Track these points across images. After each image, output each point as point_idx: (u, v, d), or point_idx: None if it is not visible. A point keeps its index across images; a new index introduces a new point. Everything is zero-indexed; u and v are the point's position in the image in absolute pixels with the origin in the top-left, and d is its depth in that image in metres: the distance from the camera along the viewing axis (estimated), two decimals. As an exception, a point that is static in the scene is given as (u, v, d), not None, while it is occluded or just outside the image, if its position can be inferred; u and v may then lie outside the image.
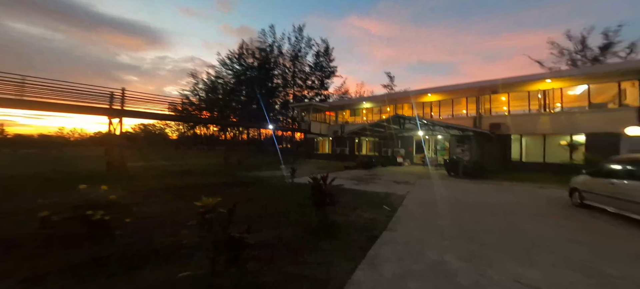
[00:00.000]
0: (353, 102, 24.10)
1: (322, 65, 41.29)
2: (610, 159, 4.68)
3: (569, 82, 13.09)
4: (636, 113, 10.98)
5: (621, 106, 11.81)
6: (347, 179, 10.25)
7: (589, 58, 23.56)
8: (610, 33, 22.42)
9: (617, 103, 12.03)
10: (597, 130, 11.77)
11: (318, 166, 16.41)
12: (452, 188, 8.10)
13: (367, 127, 15.32)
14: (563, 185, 8.98)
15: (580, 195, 5.12)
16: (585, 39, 23.54)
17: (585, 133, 12.23)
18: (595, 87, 12.58)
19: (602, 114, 12.14)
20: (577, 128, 12.48)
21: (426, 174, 12.42)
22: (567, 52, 24.52)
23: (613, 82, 11.99)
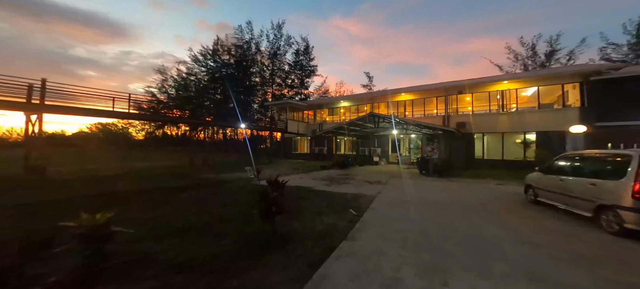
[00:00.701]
0: (331, 101, 23.89)
1: (302, 64, 40.57)
2: (560, 156, 4.83)
3: (522, 83, 14.15)
4: (577, 113, 12.22)
5: (565, 107, 13.04)
6: (320, 179, 9.88)
7: (537, 63, 26.11)
8: (553, 41, 25.09)
9: (562, 104, 13.29)
10: (546, 128, 12.87)
11: (294, 166, 15.85)
12: (421, 188, 8.11)
13: (344, 126, 15.13)
14: (518, 181, 9.33)
15: (534, 191, 5.28)
16: (534, 46, 26.05)
17: (536, 132, 13.29)
18: (544, 89, 13.74)
19: (550, 114, 13.25)
20: (529, 127, 13.50)
21: (399, 173, 12.54)
22: (521, 57, 26.94)
23: (558, 85, 13.19)
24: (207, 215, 4.59)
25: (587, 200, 3.75)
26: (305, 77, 41.31)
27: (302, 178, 10.39)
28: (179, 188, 7.32)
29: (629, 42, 22.59)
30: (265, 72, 38.72)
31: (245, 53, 36.29)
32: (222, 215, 4.60)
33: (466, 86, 15.28)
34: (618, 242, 3.26)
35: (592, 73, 11.76)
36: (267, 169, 13.38)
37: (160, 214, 4.55)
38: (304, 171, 12.84)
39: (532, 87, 13.85)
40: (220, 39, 35.52)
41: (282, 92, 38.89)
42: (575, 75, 12.47)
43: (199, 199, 6.03)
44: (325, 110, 23.85)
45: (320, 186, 8.37)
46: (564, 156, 4.76)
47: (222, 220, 4.25)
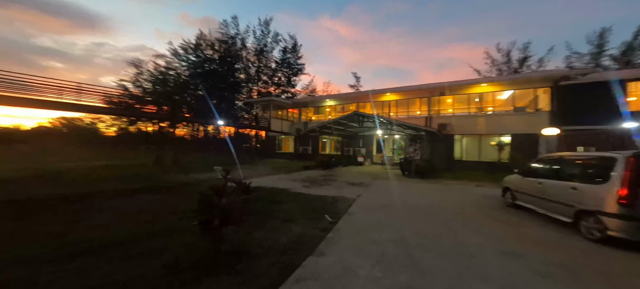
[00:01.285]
0: (317, 100, 23.38)
1: (289, 62, 39.69)
2: (539, 158, 4.68)
3: (498, 87, 14.54)
4: (547, 116, 12.75)
5: (537, 110, 13.56)
6: (300, 181, 9.33)
7: (511, 69, 27.49)
8: (525, 48, 26.57)
9: (534, 108, 13.84)
10: (520, 131, 13.30)
11: (276, 166, 15.16)
12: (403, 190, 7.85)
13: (327, 125, 14.69)
14: (495, 182, 9.35)
15: (512, 194, 5.13)
16: (509, 53, 27.40)
17: (510, 134, 13.71)
18: (519, 93, 14.21)
19: (523, 117, 13.63)
20: (504, 129, 13.84)
21: (382, 174, 12.33)
22: (497, 62, 28.22)
23: (531, 89, 13.71)
24: (150, 225, 3.87)
25: (566, 205, 3.56)
26: (292, 75, 40.49)
27: (281, 179, 9.78)
28: (131, 191, 6.43)
29: (590, 52, 24.42)
30: (251, 69, 37.39)
31: (230, 49, 34.76)
32: (169, 225, 3.91)
33: (447, 88, 15.48)
34: (601, 251, 3.07)
35: (561, 78, 12.30)
36: (247, 169, 12.60)
37: (86, 226, 3.75)
38: (285, 172, 12.22)
39: (507, 90, 14.29)
40: (204, 34, 33.72)
41: (268, 90, 37.78)
42: (546, 80, 12.99)
43: (148, 205, 5.25)
44: (310, 108, 23.30)
45: (299, 188, 7.83)
46: (543, 159, 4.62)
47: (166, 232, 3.56)
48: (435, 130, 11.22)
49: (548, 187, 4.02)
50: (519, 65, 26.95)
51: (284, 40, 38.65)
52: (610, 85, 10.95)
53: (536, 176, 4.43)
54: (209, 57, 33.96)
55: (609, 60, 23.40)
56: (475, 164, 14.31)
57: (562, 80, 12.26)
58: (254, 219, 4.39)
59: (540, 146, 7.63)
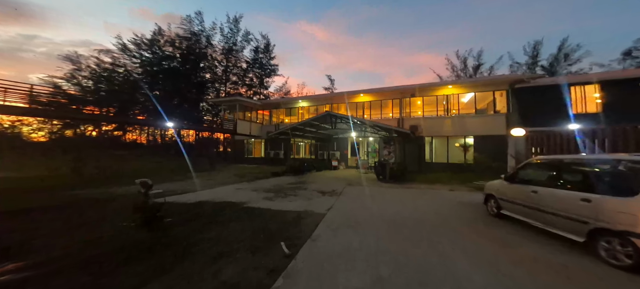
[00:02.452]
0: (289, 101, 21.97)
1: (261, 63, 37.63)
2: (530, 161, 4.05)
3: (463, 89, 14.86)
4: (505, 118, 13.38)
5: (496, 112, 14.19)
6: (264, 191, 7.83)
7: (467, 75, 29.80)
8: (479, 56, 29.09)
9: (493, 110, 14.48)
10: (482, 132, 13.72)
11: (241, 172, 13.28)
12: (378, 198, 6.90)
13: (298, 127, 13.38)
14: (465, 185, 9.13)
15: (497, 203, 4.48)
16: (466, 60, 29.70)
17: (473, 136, 14.09)
18: (480, 95, 14.72)
19: (484, 119, 14.08)
20: (468, 131, 14.11)
21: (357, 179, 11.45)
22: (456, 69, 30.34)
23: (490, 91, 14.22)
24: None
25: (577, 221, 2.84)
26: (265, 76, 38.45)
27: (239, 189, 8.14)
28: (9, 212, 4.32)
29: (526, 62, 27.67)
30: (218, 68, 34.36)
31: (193, 47, 31.37)
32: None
33: (418, 89, 15.53)
34: (635, 281, 2.34)
35: (516, 82, 12.99)
36: (203, 178, 10.59)
37: None
38: (249, 179, 10.53)
39: (470, 92, 14.69)
40: (162, 29, 29.88)
41: (238, 91, 35.08)
42: (503, 83, 13.60)
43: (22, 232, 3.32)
44: (282, 110, 21.76)
45: (259, 200, 6.36)
46: (536, 163, 3.94)
47: None
48: (409, 130, 10.77)
49: (546, 197, 3.32)
50: (474, 72, 29.33)
51: (256, 40, 36.61)
52: (558, 89, 11.83)
53: (528, 183, 3.76)
54: (169, 54, 30.19)
55: (541, 70, 26.74)
56: (444, 166, 14.38)
57: (516, 83, 12.95)
58: (162, 257, 2.86)
59: (510, 147, 7.44)
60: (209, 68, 33.85)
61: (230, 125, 18.09)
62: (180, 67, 30.02)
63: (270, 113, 22.12)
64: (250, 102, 21.07)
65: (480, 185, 8.83)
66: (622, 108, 10.51)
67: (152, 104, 27.87)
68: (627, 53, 23.53)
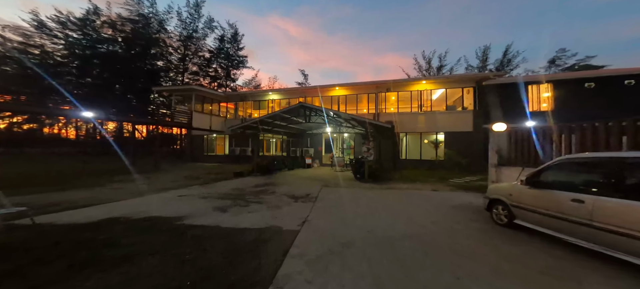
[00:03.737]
0: (258, 94, 19.67)
1: (228, 53, 33.89)
2: (561, 159, 3.12)
3: (435, 85, 14.75)
4: (472, 115, 13.76)
5: (463, 109, 14.54)
6: (217, 197, 5.96)
7: (431, 75, 31.54)
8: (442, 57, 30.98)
9: (461, 106, 14.83)
10: (451, 129, 13.87)
11: (193, 173, 10.85)
12: (362, 205, 5.71)
13: (266, 120, 11.53)
14: (445, 183, 8.67)
15: (510, 211, 3.65)
16: (430, 61, 31.37)
17: (444, 132, 14.24)
18: (450, 92, 14.78)
19: (453, 115, 14.16)
20: (440, 127, 14.09)
21: (333, 178, 10.23)
22: (422, 69, 31.82)
23: (459, 88, 14.43)
24: None
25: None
26: (232, 67, 34.77)
27: (183, 196, 6.09)
28: None
29: (477, 66, 30.54)
30: (173, 55, 29.62)
31: (141, 31, 26.21)
32: None
33: (392, 84, 15.11)
34: None
35: (483, 79, 13.43)
36: (139, 183, 8.05)
37: None
38: (202, 182, 8.39)
39: (441, 88, 14.74)
40: (99, 8, 24.16)
41: (199, 82, 30.82)
42: (471, 80, 13.95)
43: None
44: (249, 103, 19.38)
45: (206, 213, 4.55)
46: (579, 160, 2.99)
47: None
48: (389, 125, 9.97)
49: (605, 210, 2.43)
50: (437, 72, 31.18)
51: (222, 28, 32.81)
52: (517, 87, 12.52)
53: (564, 189, 2.89)
54: (108, 37, 24.64)
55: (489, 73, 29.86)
56: (416, 163, 14.22)
57: (483, 80, 13.38)
58: None
59: (491, 142, 7.04)
60: (162, 56, 28.87)
61: (184, 118, 15.08)
62: (124, 52, 24.76)
63: (235, 106, 19.50)
64: (211, 93, 18.12)
65: (459, 184, 8.52)
66: (570, 106, 11.50)
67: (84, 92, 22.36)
68: (552, 61, 27.58)
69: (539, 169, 3.27)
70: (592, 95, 11.38)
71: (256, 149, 13.11)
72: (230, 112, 19.83)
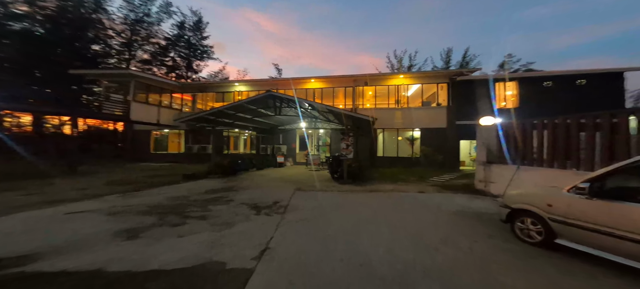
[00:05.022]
0: (222, 84, 17.17)
1: (190, 42, 29.85)
2: None
3: (411, 80, 14.36)
4: (446, 111, 13.80)
5: (438, 105, 14.49)
6: (140, 212, 4.05)
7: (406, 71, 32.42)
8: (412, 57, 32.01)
9: (436, 102, 14.81)
10: (427, 125, 13.65)
11: (128, 177, 8.31)
12: (346, 216, 4.46)
13: (227, 111, 9.55)
14: (427, 182, 7.98)
15: (548, 228, 2.69)
16: (401, 60, 32.14)
17: (420, 128, 13.93)
18: (425, 88, 14.57)
19: (429, 111, 13.99)
20: (416, 123, 13.76)
21: (308, 179, 8.87)
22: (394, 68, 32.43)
23: (434, 84, 14.11)
24: None
25: None
26: (194, 58, 30.74)
27: (74, 214, 4.00)
28: None
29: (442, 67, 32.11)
30: (113, 39, 24.67)
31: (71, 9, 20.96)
32: None
33: (369, 78, 14.41)
34: None
35: (457, 75, 13.50)
36: (34, 189, 5.50)
37: None
38: (131, 189, 6.19)
39: (417, 83, 14.39)
40: None
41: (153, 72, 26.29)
42: (445, 76, 13.83)
43: None
44: (211, 94, 16.79)
45: (96, 242, 2.72)
46: None
47: None
48: (369, 117, 9.01)
49: None
50: (407, 71, 32.25)
51: (183, 14, 28.74)
52: (488, 84, 12.87)
53: None
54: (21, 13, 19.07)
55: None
56: (393, 160, 13.76)
57: (457, 76, 13.46)
58: None
59: (478, 137, 6.52)
60: (99, 40, 23.71)
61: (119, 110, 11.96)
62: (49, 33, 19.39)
63: (193, 98, 16.70)
64: (158, 81, 14.98)
65: (442, 183, 7.86)
66: (532, 104, 12.15)
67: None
68: (501, 66, 30.70)
69: (608, 171, 2.34)
70: (550, 94, 12.20)
71: (215, 146, 10.97)
72: (188, 105, 16.92)
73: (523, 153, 5.33)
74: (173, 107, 15.89)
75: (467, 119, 12.93)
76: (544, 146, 4.84)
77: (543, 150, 4.88)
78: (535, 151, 5.04)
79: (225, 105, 9.34)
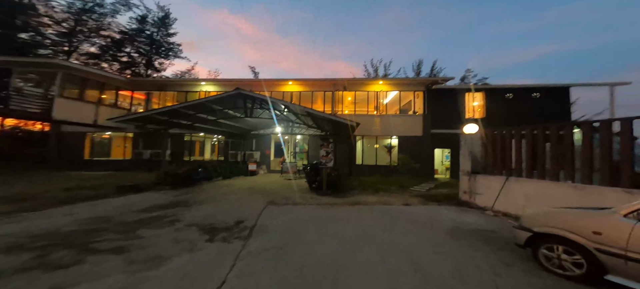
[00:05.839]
0: (184, 83, 15.21)
1: (152, 38, 26.76)
2: None
3: (389, 86, 14.36)
4: (422, 119, 14.06)
5: (414, 113, 14.46)
6: (22, 244, 2.50)
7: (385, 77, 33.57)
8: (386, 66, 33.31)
9: (413, 110, 14.83)
10: (404, 133, 13.61)
11: (34, 190, 6.16)
12: (324, 238, 3.58)
13: (186, 111, 8.01)
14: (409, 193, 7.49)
15: (593, 260, 2.12)
16: (377, 69, 33.34)
17: (398, 136, 13.79)
18: (403, 95, 14.63)
19: (406, 119, 14.06)
20: (394, 131, 13.72)
21: (283, 190, 7.78)
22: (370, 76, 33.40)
23: (411, 91, 14.28)
24: None
25: None
26: (157, 55, 27.54)
27: None
28: None
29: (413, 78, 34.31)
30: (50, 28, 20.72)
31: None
32: None
33: (347, 83, 14.10)
34: None
35: (433, 83, 13.89)
36: None
37: None
38: (20, 209, 4.35)
39: (394, 90, 14.37)
40: None
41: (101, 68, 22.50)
42: (422, 84, 14.05)
43: None
44: (171, 94, 14.69)
45: None
46: None
47: None
48: (352, 122, 8.39)
49: None
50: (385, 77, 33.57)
51: (146, 8, 25.72)
52: (457, 94, 13.52)
53: None
54: None
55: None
56: (372, 168, 13.42)
57: (433, 84, 13.87)
58: None
59: (463, 145, 6.33)
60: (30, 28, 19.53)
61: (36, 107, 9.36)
62: None
63: (148, 97, 14.39)
64: (97, 75, 12.32)
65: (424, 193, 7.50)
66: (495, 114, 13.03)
67: None
68: (462, 79, 33.78)
69: None
70: (510, 105, 13.28)
71: (172, 152, 9.19)
72: (142, 105, 14.48)
73: (511, 164, 5.05)
74: (120, 105, 13.39)
75: (441, 128, 13.37)
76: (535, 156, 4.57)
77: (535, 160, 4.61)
78: (525, 162, 4.77)
79: (182, 104, 7.81)
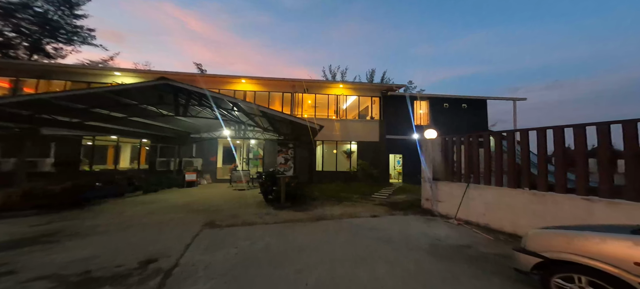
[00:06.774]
0: (85, 71, 11.45)
1: (46, 17, 20.15)
2: None
3: (348, 90, 14.30)
4: (378, 125, 14.53)
5: (372, 118, 14.54)
6: None
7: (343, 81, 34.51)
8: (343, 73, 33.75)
9: (370, 115, 14.82)
10: (363, 138, 13.64)
11: None
12: (280, 278, 2.57)
13: (59, 103, 5.51)
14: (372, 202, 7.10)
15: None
16: (335, 75, 33.95)
17: (357, 142, 13.80)
18: (362, 100, 14.76)
19: (364, 124, 14.18)
20: (353, 136, 13.75)
21: (229, 206, 6.26)
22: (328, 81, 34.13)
23: (368, 96, 14.41)
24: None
25: None
26: (51, 38, 20.86)
27: None
28: None
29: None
30: None
31: None
32: None
33: (306, 85, 13.44)
34: None
35: (388, 89, 14.48)
36: None
37: None
38: None
39: (354, 95, 14.41)
40: None
41: None
42: (378, 89, 14.45)
43: None
44: (62, 83, 10.81)
45: None
46: None
47: None
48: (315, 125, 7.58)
49: None
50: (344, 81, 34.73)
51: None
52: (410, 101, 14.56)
53: None
54: None
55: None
56: (332, 175, 13.02)
57: (388, 90, 14.52)
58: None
59: (424, 151, 6.33)
60: None
61: None
62: None
63: (14, 85, 10.20)
64: None
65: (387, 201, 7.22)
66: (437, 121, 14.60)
67: None
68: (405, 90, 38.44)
69: None
70: (445, 114, 15.18)
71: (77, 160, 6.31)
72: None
73: (470, 170, 5.06)
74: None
75: (393, 134, 14.12)
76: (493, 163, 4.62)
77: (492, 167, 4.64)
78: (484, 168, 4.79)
79: (56, 93, 5.31)
